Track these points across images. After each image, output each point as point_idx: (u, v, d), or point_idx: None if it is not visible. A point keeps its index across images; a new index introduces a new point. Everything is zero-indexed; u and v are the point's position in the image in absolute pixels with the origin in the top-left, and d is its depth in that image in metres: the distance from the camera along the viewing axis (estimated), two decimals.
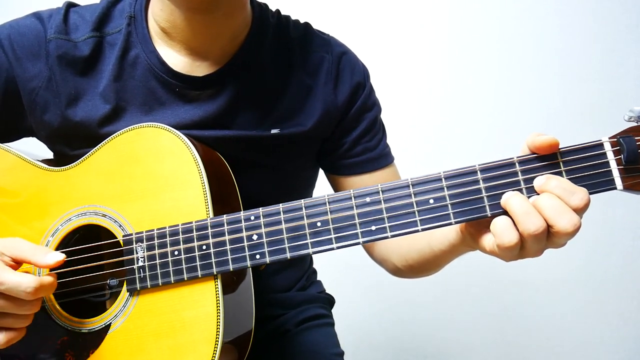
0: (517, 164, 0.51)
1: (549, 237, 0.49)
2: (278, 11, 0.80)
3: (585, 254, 1.38)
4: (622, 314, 1.39)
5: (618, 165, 0.49)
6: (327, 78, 0.76)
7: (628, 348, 1.39)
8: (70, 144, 0.73)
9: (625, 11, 1.31)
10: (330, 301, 0.94)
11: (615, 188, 0.50)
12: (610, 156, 0.50)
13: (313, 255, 0.98)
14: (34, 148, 0.76)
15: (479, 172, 0.52)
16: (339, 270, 1.34)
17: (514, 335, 1.44)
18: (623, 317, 1.39)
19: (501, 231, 0.49)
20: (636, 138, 0.49)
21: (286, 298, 0.85)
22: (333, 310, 0.94)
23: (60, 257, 0.57)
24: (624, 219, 1.36)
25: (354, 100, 0.78)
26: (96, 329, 0.63)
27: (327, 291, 0.95)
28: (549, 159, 0.51)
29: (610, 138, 0.50)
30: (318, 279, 0.96)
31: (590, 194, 0.49)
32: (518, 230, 0.49)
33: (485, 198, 0.52)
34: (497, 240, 0.50)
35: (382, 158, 0.81)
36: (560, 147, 0.50)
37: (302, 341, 0.83)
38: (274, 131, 0.73)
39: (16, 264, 0.57)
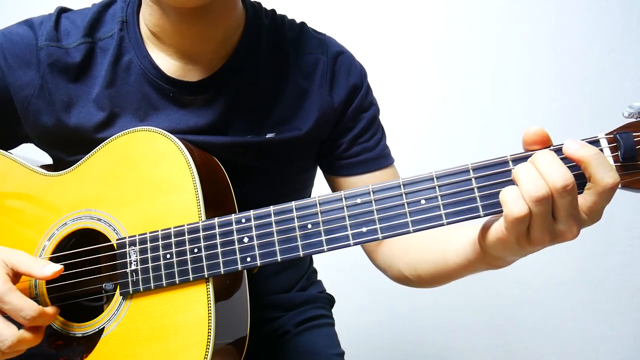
0: (510, 162, 0.50)
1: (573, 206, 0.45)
2: (273, 11, 0.78)
3: (584, 254, 1.37)
4: (622, 313, 1.38)
5: (615, 162, 0.48)
6: (323, 80, 0.74)
7: (628, 348, 1.38)
8: (66, 149, 0.73)
9: (625, 11, 1.30)
10: (330, 301, 0.93)
11: None
12: (607, 153, 0.48)
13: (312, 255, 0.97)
14: (34, 154, 0.76)
15: (471, 171, 0.51)
16: (340, 269, 1.33)
17: (514, 336, 1.43)
18: (623, 317, 1.38)
19: (512, 200, 0.45)
20: (634, 134, 0.48)
21: (286, 299, 0.85)
22: (333, 310, 0.93)
23: (57, 267, 0.58)
24: (623, 218, 1.35)
25: (351, 101, 0.76)
26: (89, 333, 0.63)
27: (327, 291, 0.94)
28: None
29: (606, 134, 0.49)
30: (318, 278, 0.95)
31: None
32: (546, 182, 0.45)
33: (478, 198, 0.51)
34: (505, 210, 0.46)
35: (381, 158, 0.79)
36: (554, 144, 0.49)
37: (302, 342, 0.82)
38: (269, 136, 0.72)
39: (15, 277, 0.58)
